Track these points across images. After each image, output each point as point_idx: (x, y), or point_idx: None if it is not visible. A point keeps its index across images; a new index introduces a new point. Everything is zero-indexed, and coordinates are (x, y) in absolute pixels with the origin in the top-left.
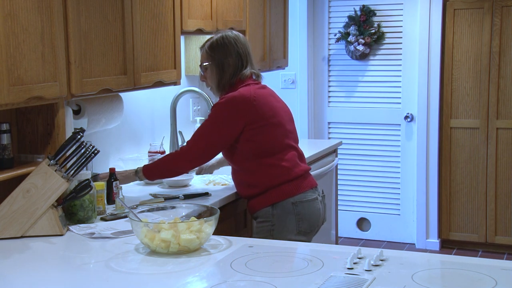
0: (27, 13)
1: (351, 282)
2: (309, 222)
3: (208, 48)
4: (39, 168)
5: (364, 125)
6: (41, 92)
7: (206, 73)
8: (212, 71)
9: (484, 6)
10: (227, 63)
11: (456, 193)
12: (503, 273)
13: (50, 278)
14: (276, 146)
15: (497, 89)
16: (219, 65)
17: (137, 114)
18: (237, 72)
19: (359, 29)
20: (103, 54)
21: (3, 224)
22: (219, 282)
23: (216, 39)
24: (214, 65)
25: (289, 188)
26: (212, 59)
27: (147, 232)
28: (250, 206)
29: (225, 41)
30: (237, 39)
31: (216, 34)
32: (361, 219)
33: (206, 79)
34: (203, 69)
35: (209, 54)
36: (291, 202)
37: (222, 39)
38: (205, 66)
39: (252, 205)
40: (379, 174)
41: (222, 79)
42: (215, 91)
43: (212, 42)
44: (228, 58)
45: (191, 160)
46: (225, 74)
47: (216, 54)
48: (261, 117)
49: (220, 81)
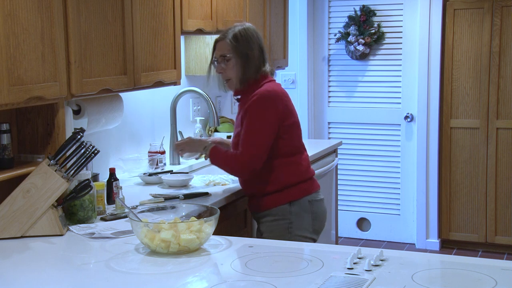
0: (27, 13)
1: (351, 282)
2: (321, 221)
3: (232, 39)
4: (39, 168)
5: (364, 125)
6: (41, 92)
7: (227, 65)
8: (235, 63)
9: (484, 6)
10: (251, 56)
11: (456, 193)
12: (503, 273)
13: (50, 278)
14: (298, 146)
15: (497, 89)
16: (243, 57)
17: (137, 114)
18: (259, 66)
19: (359, 29)
20: (103, 54)
21: (3, 224)
22: (219, 282)
23: (239, 30)
24: (238, 56)
25: (306, 187)
26: (235, 50)
27: (147, 232)
28: (263, 203)
29: (248, 32)
30: (258, 32)
31: (235, 26)
32: (361, 219)
33: (224, 71)
34: (224, 61)
35: (233, 44)
36: (308, 200)
37: (245, 30)
38: (227, 58)
39: (266, 202)
40: (379, 174)
41: (246, 72)
42: (236, 84)
43: (236, 33)
44: (253, 51)
45: (248, 166)
46: (249, 67)
47: (240, 46)
48: (290, 115)
49: (244, 74)
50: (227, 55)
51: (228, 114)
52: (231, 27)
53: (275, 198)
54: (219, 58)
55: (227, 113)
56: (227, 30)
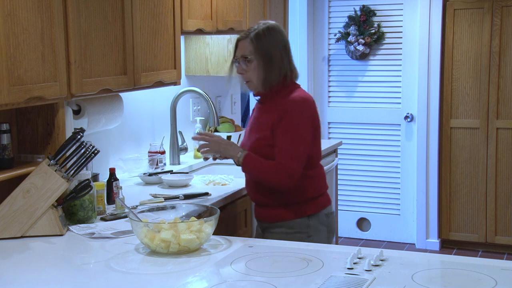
0: (27, 13)
1: (351, 282)
2: (334, 234)
3: (254, 38)
4: (39, 168)
5: (364, 125)
6: (41, 92)
7: (248, 66)
8: (257, 64)
9: (484, 6)
10: (275, 57)
11: (456, 193)
12: (503, 273)
13: (50, 278)
14: (320, 157)
15: (497, 89)
16: (266, 58)
17: (137, 114)
18: (283, 68)
19: (359, 29)
20: (103, 54)
21: (3, 224)
22: (219, 282)
23: (262, 29)
24: (259, 58)
25: (324, 200)
26: (257, 51)
27: (147, 232)
28: (279, 214)
29: (272, 32)
30: (283, 31)
31: (258, 24)
32: (361, 219)
33: (245, 72)
34: (245, 61)
35: (254, 45)
36: (325, 214)
37: (269, 30)
38: (249, 59)
39: (282, 213)
40: (379, 174)
41: (268, 75)
42: (258, 86)
43: (259, 32)
44: (277, 52)
45: (293, 175)
46: (272, 70)
47: (262, 46)
48: (319, 127)
49: (266, 77)
50: (248, 56)
51: (228, 114)
52: (255, 25)
53: (294, 210)
54: (240, 58)
55: (227, 113)
56: (250, 29)
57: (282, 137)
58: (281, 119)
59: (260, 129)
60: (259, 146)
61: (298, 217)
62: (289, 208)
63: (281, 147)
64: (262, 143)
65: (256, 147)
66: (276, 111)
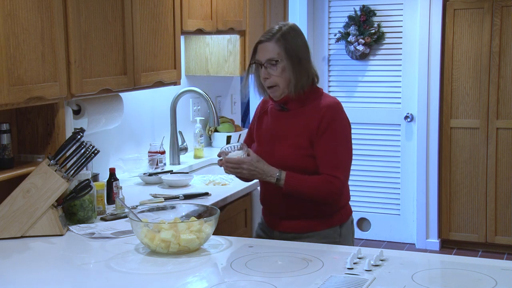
0: (27, 13)
1: (351, 282)
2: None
3: (282, 39)
4: (39, 168)
5: (364, 125)
6: (41, 92)
7: (275, 70)
8: (285, 67)
9: (484, 6)
10: (304, 58)
11: (456, 193)
12: (503, 273)
13: (50, 278)
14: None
15: (497, 89)
16: (295, 59)
17: (137, 114)
18: (311, 70)
19: (359, 29)
20: (103, 54)
21: (3, 224)
22: (219, 282)
23: (287, 29)
24: (289, 59)
25: (349, 207)
26: (286, 53)
27: (147, 232)
28: (312, 225)
29: (297, 32)
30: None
31: (279, 25)
32: (361, 219)
33: (271, 77)
34: (272, 65)
35: (282, 46)
36: (351, 221)
37: (294, 30)
38: (278, 61)
39: (315, 224)
40: (379, 174)
41: (300, 76)
42: (287, 90)
43: (285, 33)
44: (304, 52)
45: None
46: (302, 72)
47: (291, 47)
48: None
49: (298, 81)
50: (276, 58)
51: (228, 114)
52: (274, 26)
53: (327, 220)
54: (266, 62)
55: (227, 113)
56: (270, 31)
57: (326, 146)
58: (321, 127)
59: (292, 138)
60: (295, 156)
61: (330, 226)
62: (322, 218)
63: (326, 158)
64: (299, 153)
65: (291, 158)
66: (312, 118)
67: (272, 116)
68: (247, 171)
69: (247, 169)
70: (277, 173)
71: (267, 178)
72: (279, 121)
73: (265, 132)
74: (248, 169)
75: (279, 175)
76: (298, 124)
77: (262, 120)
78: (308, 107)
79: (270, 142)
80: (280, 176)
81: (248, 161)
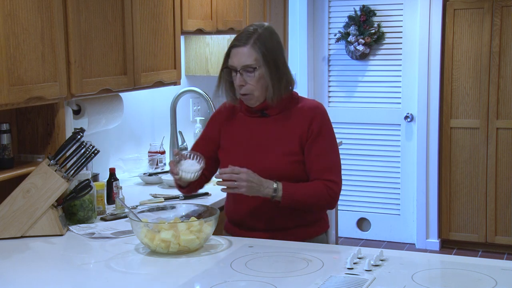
0: (27, 13)
1: (351, 282)
2: None
3: (259, 44)
4: (39, 168)
5: (364, 125)
6: (41, 92)
7: (251, 77)
8: (264, 73)
9: (484, 6)
10: (281, 62)
11: (456, 193)
12: (503, 273)
13: (50, 278)
14: None
15: (497, 89)
16: (272, 65)
17: (137, 114)
18: (288, 73)
19: (359, 29)
20: (103, 54)
21: (3, 224)
22: (219, 282)
23: (263, 32)
24: (266, 65)
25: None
26: (264, 58)
27: (147, 232)
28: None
29: (273, 35)
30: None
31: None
32: (361, 219)
33: (246, 84)
34: (248, 72)
35: (259, 51)
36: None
37: (270, 32)
38: (254, 68)
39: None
40: (379, 174)
41: (278, 84)
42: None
43: (261, 36)
44: (280, 57)
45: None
46: (280, 77)
47: (268, 52)
48: None
49: (276, 88)
50: (254, 66)
51: None
52: (248, 28)
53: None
54: (241, 69)
55: None
56: (243, 33)
57: (319, 150)
58: (312, 131)
59: (279, 145)
60: (284, 164)
61: (319, 234)
62: (318, 223)
63: (321, 162)
64: (288, 160)
65: (279, 165)
66: (299, 122)
67: (247, 122)
68: (247, 186)
69: (247, 180)
70: (274, 185)
71: (264, 191)
72: (259, 127)
73: (241, 141)
74: (247, 179)
75: (276, 186)
76: (283, 129)
77: (230, 127)
78: (290, 111)
79: (250, 151)
80: (277, 187)
81: (246, 171)
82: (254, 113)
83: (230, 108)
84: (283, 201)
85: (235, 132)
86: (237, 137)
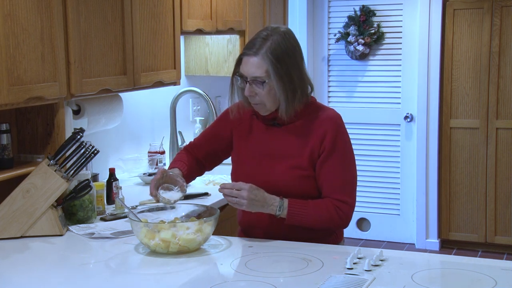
0: (27, 13)
1: (351, 282)
2: None
3: (271, 55)
4: (39, 168)
5: (364, 125)
6: (41, 92)
7: (261, 88)
8: (275, 86)
9: (484, 6)
10: (296, 74)
11: (456, 193)
12: (503, 273)
13: (50, 278)
14: None
15: (497, 89)
16: (286, 78)
17: (137, 114)
18: (304, 83)
19: (359, 29)
20: (103, 54)
21: (3, 224)
22: (219, 282)
23: (277, 40)
24: (278, 78)
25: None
26: (276, 71)
27: (147, 232)
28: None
29: (288, 41)
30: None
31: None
32: (361, 219)
33: (255, 95)
34: (257, 83)
35: (271, 63)
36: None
37: (286, 41)
38: (263, 81)
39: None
40: (379, 174)
41: (291, 97)
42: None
43: (273, 45)
44: (296, 68)
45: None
46: (295, 90)
47: (281, 63)
48: None
49: (289, 100)
50: (263, 79)
51: None
52: (261, 34)
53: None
54: (251, 79)
55: None
56: (256, 39)
57: (331, 167)
58: (325, 145)
59: (288, 157)
60: (293, 178)
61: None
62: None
63: (332, 180)
64: (297, 175)
65: (287, 180)
66: (312, 134)
67: (260, 128)
68: (250, 203)
69: (248, 197)
70: (279, 202)
71: (268, 208)
72: (271, 136)
73: (252, 148)
74: (248, 197)
75: (281, 203)
76: (294, 141)
77: (242, 131)
78: (305, 121)
79: (259, 160)
80: (283, 205)
81: (247, 188)
82: (268, 120)
83: (244, 109)
84: (287, 220)
85: (247, 137)
86: (249, 143)
